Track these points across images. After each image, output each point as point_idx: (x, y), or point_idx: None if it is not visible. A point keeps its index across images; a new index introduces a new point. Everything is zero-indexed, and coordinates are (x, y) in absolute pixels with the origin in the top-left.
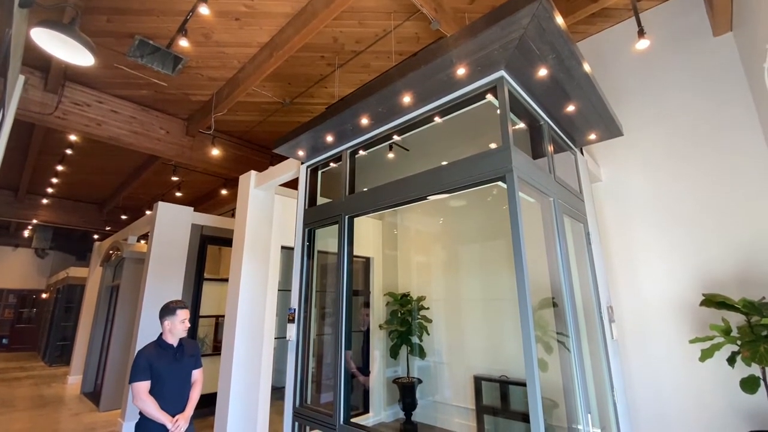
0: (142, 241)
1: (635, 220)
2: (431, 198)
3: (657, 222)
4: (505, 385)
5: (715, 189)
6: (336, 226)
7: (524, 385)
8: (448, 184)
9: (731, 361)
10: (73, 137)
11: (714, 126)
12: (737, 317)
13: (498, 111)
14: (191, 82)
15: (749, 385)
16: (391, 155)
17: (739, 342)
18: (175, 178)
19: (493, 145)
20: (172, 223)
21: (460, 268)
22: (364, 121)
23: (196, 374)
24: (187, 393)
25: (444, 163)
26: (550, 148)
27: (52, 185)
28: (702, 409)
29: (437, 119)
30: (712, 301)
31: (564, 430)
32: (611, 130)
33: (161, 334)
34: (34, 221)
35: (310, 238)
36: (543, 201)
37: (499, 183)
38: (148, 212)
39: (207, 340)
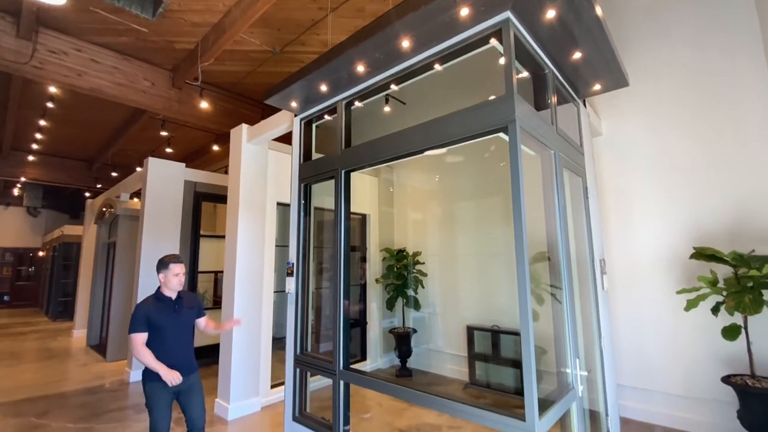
0: (135, 199)
1: (633, 174)
2: (429, 153)
3: (654, 176)
4: (496, 334)
5: (718, 142)
6: (332, 182)
7: (515, 334)
8: (447, 136)
9: (715, 310)
10: (53, 89)
11: (722, 78)
12: (725, 269)
13: (501, 58)
14: (174, 29)
15: (730, 332)
16: (387, 109)
17: (724, 293)
18: (164, 133)
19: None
20: (164, 180)
21: (456, 224)
22: (360, 68)
23: (203, 321)
24: (188, 344)
25: (444, 114)
26: (554, 99)
27: (36, 141)
28: (682, 355)
29: (437, 66)
30: (702, 254)
31: (551, 374)
32: (617, 79)
33: (159, 287)
34: (22, 179)
35: (306, 193)
36: (543, 154)
37: (501, 134)
38: (138, 169)
39: (207, 295)
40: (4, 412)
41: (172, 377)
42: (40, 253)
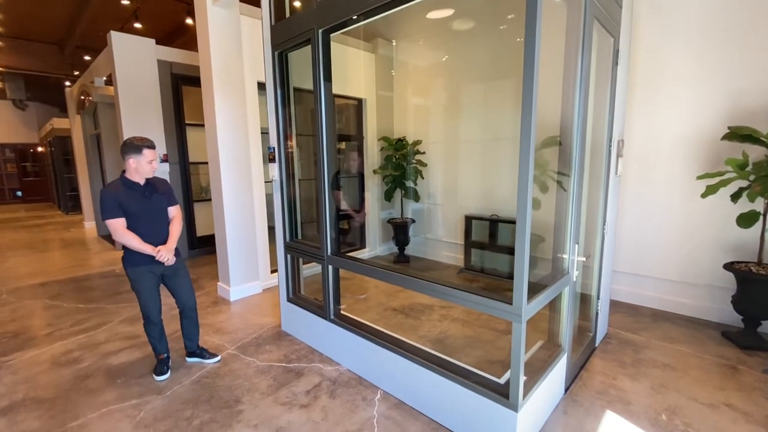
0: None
1: (672, 39)
2: (434, 15)
3: (698, 43)
4: (494, 223)
5: None
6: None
7: (513, 223)
8: None
9: (736, 197)
10: None
11: None
12: (758, 152)
13: None
14: None
15: (747, 219)
16: None
17: (751, 177)
18: (125, 2)
19: None
20: (134, 59)
21: (461, 111)
22: None
23: (173, 211)
24: (165, 230)
25: None
26: None
27: None
28: (685, 242)
29: None
30: (736, 133)
31: (547, 261)
32: None
33: (124, 171)
34: None
35: (281, 64)
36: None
37: None
38: None
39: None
40: (19, 295)
41: (160, 255)
42: (40, 149)
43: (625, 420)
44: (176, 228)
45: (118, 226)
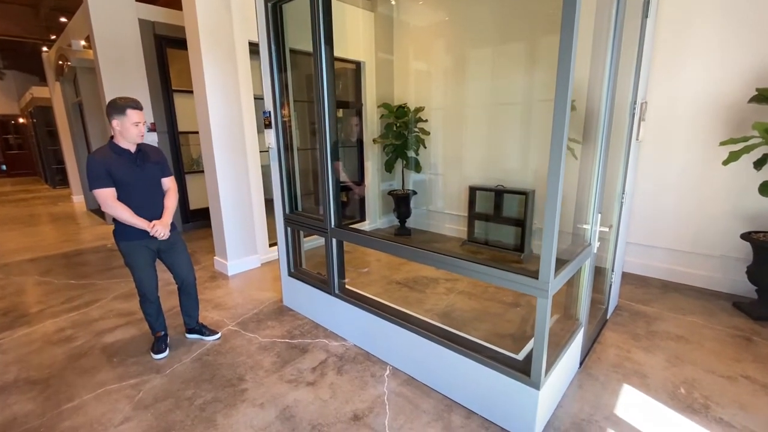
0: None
1: None
2: None
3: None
4: (499, 194)
5: None
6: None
7: (519, 193)
8: None
9: (760, 163)
10: None
11: None
12: None
13: None
14: None
15: None
16: None
17: None
18: None
19: None
20: (113, 18)
21: (466, 74)
22: None
23: (167, 182)
24: (159, 202)
25: None
26: None
27: None
28: (700, 212)
29: None
30: (764, 95)
31: (565, 234)
32: None
33: (112, 137)
34: None
35: (275, 17)
36: None
37: None
38: None
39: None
40: (7, 271)
41: (155, 230)
42: (21, 120)
43: (643, 394)
44: (172, 201)
45: (107, 195)
